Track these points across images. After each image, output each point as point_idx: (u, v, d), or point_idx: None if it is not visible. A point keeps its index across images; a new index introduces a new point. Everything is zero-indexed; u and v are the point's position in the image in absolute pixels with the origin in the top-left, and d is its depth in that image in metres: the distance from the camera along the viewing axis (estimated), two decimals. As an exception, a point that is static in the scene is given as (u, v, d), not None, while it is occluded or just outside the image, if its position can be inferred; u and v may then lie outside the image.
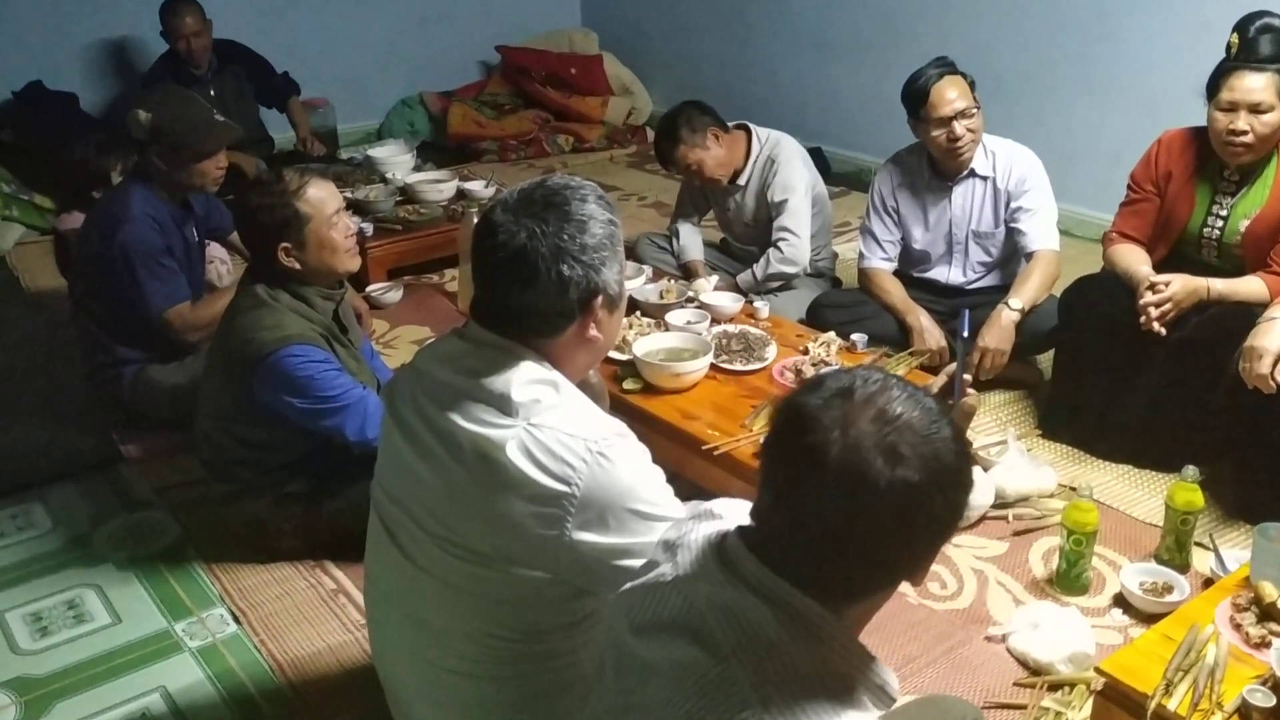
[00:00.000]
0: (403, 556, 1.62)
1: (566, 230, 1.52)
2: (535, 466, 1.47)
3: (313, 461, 2.55)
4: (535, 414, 1.50)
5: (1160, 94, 4.16)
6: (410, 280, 4.30)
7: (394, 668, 1.75)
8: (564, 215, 1.53)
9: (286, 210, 2.40)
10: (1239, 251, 2.86)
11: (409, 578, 1.62)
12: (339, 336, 2.53)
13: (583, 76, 6.47)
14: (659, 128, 3.68)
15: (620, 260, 1.59)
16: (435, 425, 1.55)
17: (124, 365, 3.08)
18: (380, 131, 6.35)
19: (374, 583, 1.76)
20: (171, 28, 4.83)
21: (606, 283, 1.55)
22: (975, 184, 3.31)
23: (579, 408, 1.55)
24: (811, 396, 1.13)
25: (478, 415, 1.51)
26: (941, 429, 1.11)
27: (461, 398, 1.53)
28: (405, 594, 1.64)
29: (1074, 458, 3.01)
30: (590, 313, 1.56)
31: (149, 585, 2.54)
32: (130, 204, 2.99)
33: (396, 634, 1.70)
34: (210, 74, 4.97)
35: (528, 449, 1.47)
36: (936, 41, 4.09)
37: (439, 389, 1.57)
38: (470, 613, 1.58)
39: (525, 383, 1.52)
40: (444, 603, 1.59)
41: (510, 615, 1.56)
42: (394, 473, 1.64)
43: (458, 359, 1.58)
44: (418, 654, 1.67)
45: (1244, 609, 1.92)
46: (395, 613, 1.69)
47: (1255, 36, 2.69)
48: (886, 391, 1.12)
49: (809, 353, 3.05)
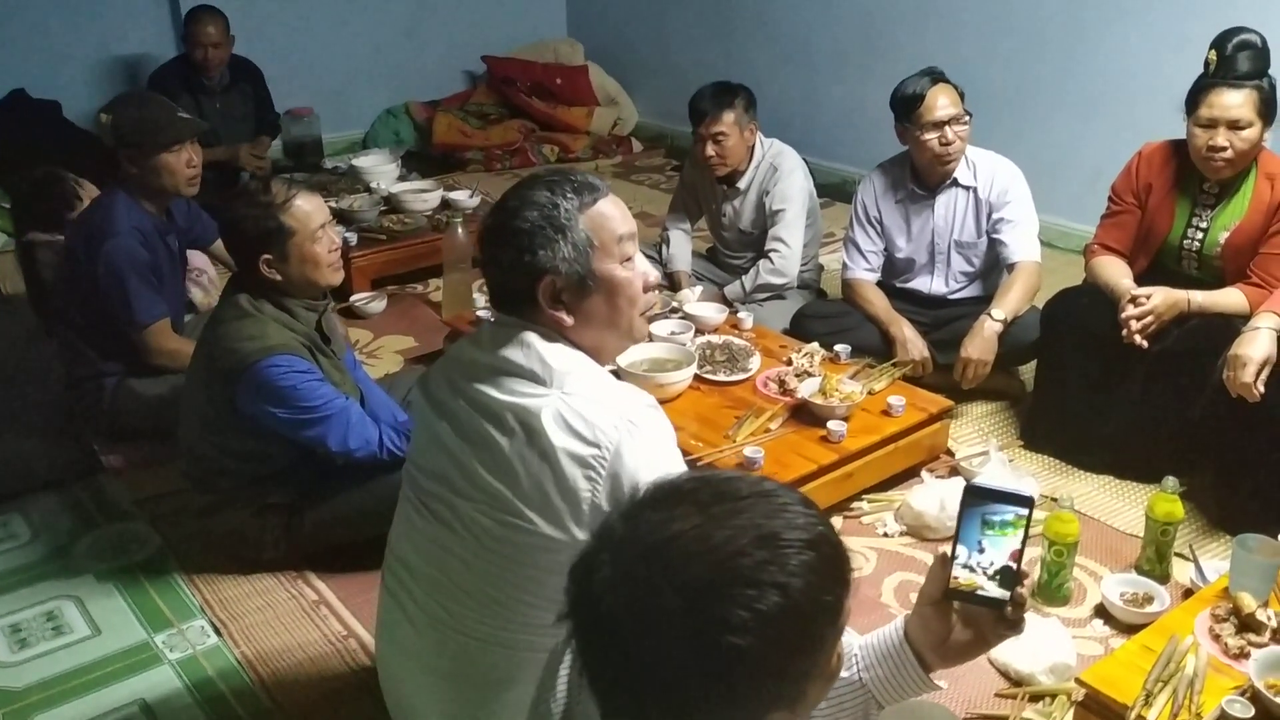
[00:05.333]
0: (437, 522, 1.67)
1: (500, 217, 1.63)
2: (569, 433, 1.53)
3: (295, 472, 2.54)
4: (568, 384, 1.58)
5: (1140, 107, 4.19)
6: (394, 290, 4.29)
7: (403, 642, 1.76)
8: (503, 203, 1.64)
9: (270, 222, 2.39)
10: (1219, 263, 2.89)
11: (441, 541, 1.67)
12: (322, 347, 2.53)
13: (568, 87, 6.48)
14: (718, 85, 3.67)
15: (577, 242, 1.59)
16: (473, 399, 1.63)
17: (105, 377, 3.07)
18: (365, 141, 6.35)
19: (399, 554, 1.78)
20: (193, 34, 4.84)
21: (546, 263, 1.59)
22: (958, 194, 3.33)
23: (610, 381, 1.64)
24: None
25: (513, 388, 1.60)
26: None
27: (497, 373, 1.62)
28: (436, 557, 1.68)
29: (1056, 468, 3.02)
30: (543, 294, 1.60)
31: (129, 596, 2.53)
32: (115, 217, 2.97)
33: (416, 600, 1.72)
34: (220, 87, 4.98)
35: (562, 417, 1.54)
36: (918, 55, 4.11)
37: (475, 369, 1.65)
38: (501, 572, 1.61)
39: (555, 355, 1.60)
40: (476, 563, 1.62)
41: (540, 579, 1.59)
42: (433, 453, 1.69)
43: (489, 339, 1.66)
44: (435, 617, 1.68)
45: (1223, 620, 1.94)
46: (420, 578, 1.71)
47: (1233, 54, 2.71)
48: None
49: (792, 363, 3.06)
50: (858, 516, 2.79)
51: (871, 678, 1.31)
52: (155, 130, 2.97)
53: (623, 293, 1.65)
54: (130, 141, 2.97)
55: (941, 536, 2.68)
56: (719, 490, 1.00)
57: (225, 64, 4.95)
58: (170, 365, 2.99)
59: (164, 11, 5.52)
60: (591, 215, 1.62)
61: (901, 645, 1.30)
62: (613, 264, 1.64)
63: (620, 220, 1.65)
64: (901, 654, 1.30)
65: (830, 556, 0.99)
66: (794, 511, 0.99)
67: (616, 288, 1.64)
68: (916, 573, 2.58)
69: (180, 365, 2.82)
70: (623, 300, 1.66)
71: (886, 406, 2.87)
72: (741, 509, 0.97)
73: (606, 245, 1.63)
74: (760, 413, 2.83)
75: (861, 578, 2.56)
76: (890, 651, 1.31)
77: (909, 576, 2.57)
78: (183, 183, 3.04)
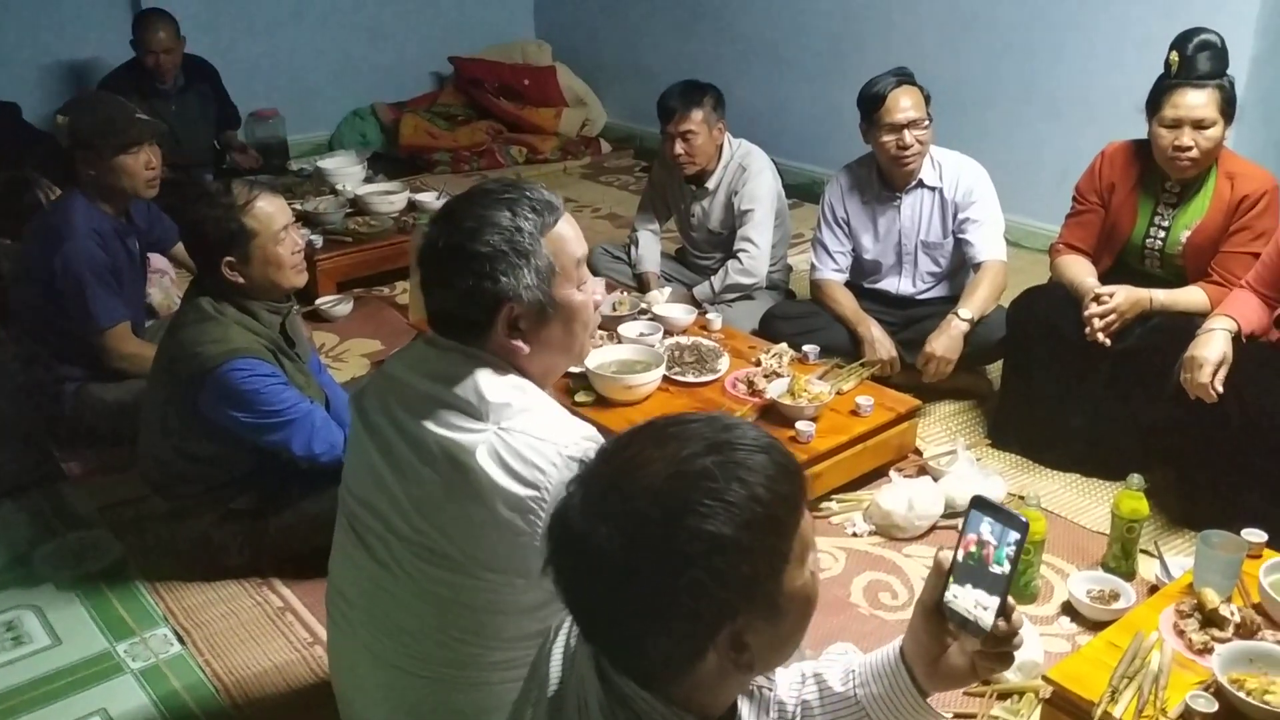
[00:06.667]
0: (372, 560, 1.61)
1: (456, 238, 1.51)
2: (505, 472, 1.46)
3: (259, 477, 2.51)
4: (505, 418, 1.50)
5: (1105, 107, 4.23)
6: (360, 293, 4.26)
7: (353, 676, 1.73)
8: (457, 222, 1.52)
9: (232, 224, 2.37)
10: (1181, 262, 2.91)
11: (379, 581, 1.61)
12: (286, 350, 2.50)
13: (536, 88, 6.46)
14: (686, 83, 3.67)
15: (540, 267, 1.52)
16: (406, 431, 1.55)
17: (65, 381, 3.02)
18: (331, 143, 6.30)
19: (339, 588, 1.74)
20: (143, 40, 4.73)
21: (509, 291, 1.50)
22: (924, 195, 3.34)
23: (549, 412, 1.55)
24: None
25: (448, 420, 1.52)
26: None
27: (431, 403, 1.53)
28: (374, 596, 1.63)
29: (1022, 467, 3.04)
30: (502, 322, 1.53)
31: (90, 605, 2.49)
32: (73, 219, 2.94)
33: (359, 638, 1.68)
34: (176, 89, 4.90)
35: (498, 454, 1.47)
36: (884, 56, 4.14)
37: (409, 394, 1.57)
38: (442, 616, 1.57)
39: (494, 386, 1.52)
40: (416, 606, 1.58)
41: (486, 621, 1.55)
42: (364, 477, 1.63)
43: (425, 364, 1.58)
44: (381, 658, 1.65)
45: (1187, 615, 1.95)
46: (360, 617, 1.67)
47: (1194, 54, 2.74)
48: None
49: (761, 364, 3.06)
50: (826, 517, 2.79)
51: (866, 694, 1.28)
52: (113, 132, 2.93)
53: (579, 318, 1.60)
54: (87, 143, 2.93)
55: (909, 536, 2.69)
56: (671, 420, 1.09)
57: (178, 67, 4.86)
58: (131, 369, 2.96)
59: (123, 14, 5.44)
60: (553, 238, 1.54)
61: (896, 662, 1.27)
62: (571, 289, 1.57)
63: (577, 242, 1.59)
64: (896, 672, 1.26)
65: (782, 460, 1.06)
66: (744, 427, 1.08)
67: (574, 313, 1.59)
68: (885, 572, 2.58)
69: (141, 369, 2.78)
70: (579, 325, 1.61)
71: (855, 406, 2.87)
72: (694, 430, 1.06)
73: (567, 269, 1.56)
74: (729, 414, 2.82)
75: (831, 578, 2.56)
76: (885, 669, 1.28)
77: (878, 576, 2.57)
78: (141, 184, 3.00)
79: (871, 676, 1.29)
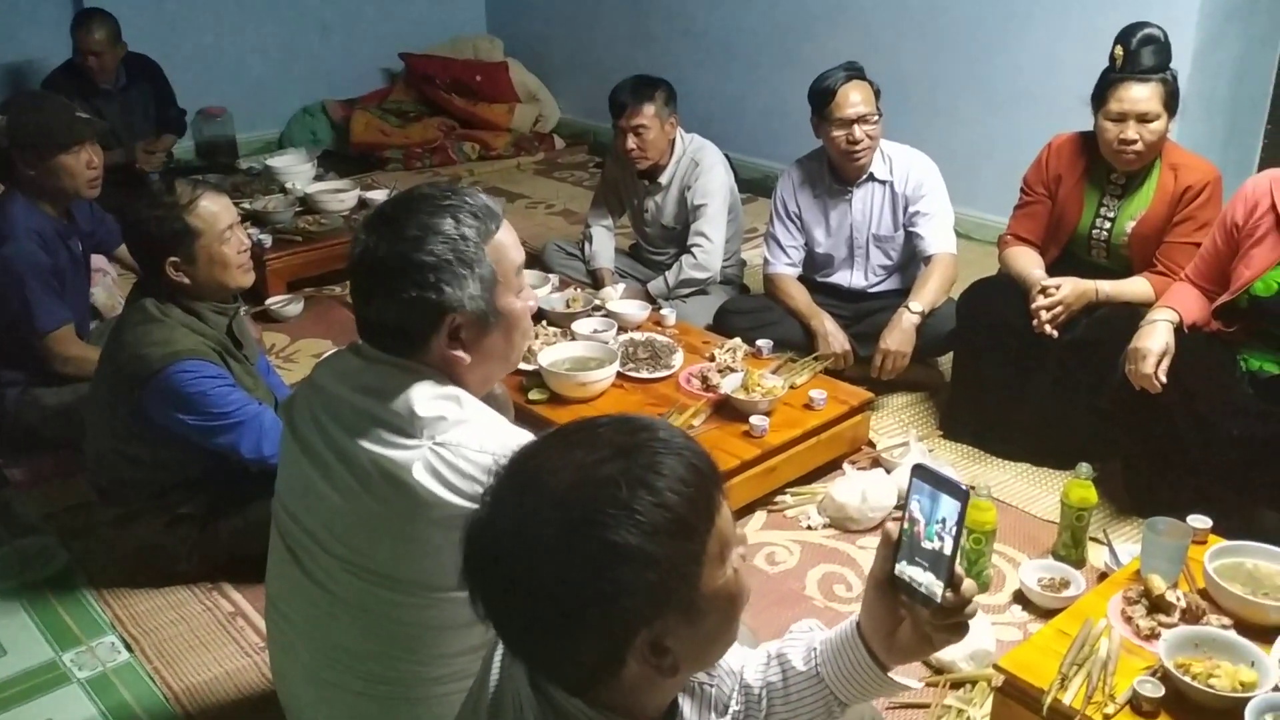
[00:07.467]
0: (306, 577, 1.58)
1: (398, 246, 1.46)
2: (444, 486, 1.43)
3: (208, 481, 2.47)
4: (440, 432, 1.46)
5: (1055, 100, 4.26)
6: (311, 292, 4.21)
7: (295, 690, 1.70)
8: (398, 230, 1.48)
9: (176, 224, 2.33)
10: (1126, 252, 2.96)
11: (314, 599, 1.58)
12: (234, 351, 2.46)
13: (488, 83, 6.42)
14: (638, 78, 3.66)
15: (484, 276, 1.50)
16: (338, 446, 1.51)
17: (7, 386, 2.96)
18: (281, 141, 6.22)
19: (276, 604, 1.71)
20: (79, 41, 4.65)
21: (454, 302, 1.47)
22: (874, 188, 3.36)
23: (484, 422, 1.51)
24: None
25: (381, 436, 1.47)
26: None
27: (363, 418, 1.49)
28: (311, 616, 1.60)
29: (974, 457, 3.07)
30: (444, 333, 1.50)
31: (35, 614, 2.44)
32: (12, 221, 2.88)
33: (299, 656, 1.65)
34: (117, 88, 4.81)
35: (435, 469, 1.44)
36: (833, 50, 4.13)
37: (339, 408, 1.53)
38: (382, 635, 1.54)
39: (426, 399, 1.48)
40: (354, 625, 1.55)
41: (428, 637, 1.53)
42: (296, 491, 1.60)
43: (355, 376, 1.54)
44: (321, 676, 1.62)
45: (1135, 602, 1.98)
46: (299, 634, 1.64)
47: (1138, 48, 2.78)
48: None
49: (715, 359, 3.06)
50: (781, 510, 2.80)
51: (828, 672, 1.28)
52: (52, 131, 2.88)
53: (518, 326, 1.58)
54: (26, 143, 2.87)
55: (864, 528, 2.71)
56: (579, 425, 1.07)
57: (118, 66, 4.78)
58: (75, 373, 2.90)
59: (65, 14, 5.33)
60: (494, 246, 1.51)
61: (854, 638, 1.27)
62: (512, 297, 1.55)
63: (516, 249, 1.57)
64: (855, 648, 1.26)
65: (694, 461, 1.02)
66: (655, 428, 1.04)
67: (514, 321, 1.57)
68: (840, 564, 2.60)
69: (86, 373, 2.73)
70: (518, 334, 1.59)
71: (808, 400, 2.88)
72: (602, 435, 1.03)
73: (507, 278, 1.54)
74: (683, 409, 2.82)
75: (786, 571, 2.57)
76: (844, 646, 1.28)
77: (833, 569, 2.59)
78: (83, 184, 2.95)
79: (832, 654, 1.29)
